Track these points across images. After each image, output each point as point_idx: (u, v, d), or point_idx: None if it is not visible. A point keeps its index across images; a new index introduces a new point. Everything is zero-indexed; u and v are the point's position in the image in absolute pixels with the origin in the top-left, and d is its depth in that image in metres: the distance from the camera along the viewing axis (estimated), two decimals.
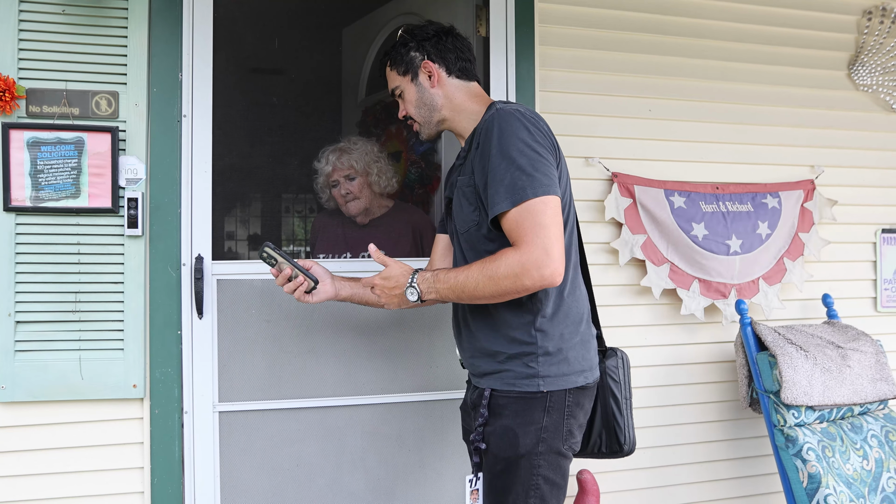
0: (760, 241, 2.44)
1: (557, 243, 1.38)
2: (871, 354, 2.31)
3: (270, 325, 2.00)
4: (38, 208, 1.82)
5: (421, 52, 1.65)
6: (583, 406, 1.54)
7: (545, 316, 1.49)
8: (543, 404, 1.47)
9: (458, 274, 1.46)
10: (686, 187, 2.38)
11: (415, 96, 1.66)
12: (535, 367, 1.47)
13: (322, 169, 2.40)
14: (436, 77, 1.64)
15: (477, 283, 1.42)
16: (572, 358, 1.50)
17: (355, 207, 2.38)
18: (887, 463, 2.24)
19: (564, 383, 1.48)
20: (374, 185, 2.38)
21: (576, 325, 1.52)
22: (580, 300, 1.56)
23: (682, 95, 2.41)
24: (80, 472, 1.86)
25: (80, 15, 1.84)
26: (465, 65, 1.66)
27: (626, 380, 1.67)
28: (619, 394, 1.65)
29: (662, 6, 2.40)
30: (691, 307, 2.35)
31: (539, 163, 1.41)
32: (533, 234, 1.37)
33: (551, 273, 1.37)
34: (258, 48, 3.66)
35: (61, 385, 1.83)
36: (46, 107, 1.83)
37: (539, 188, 1.39)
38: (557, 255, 1.37)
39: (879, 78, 2.63)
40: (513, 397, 1.49)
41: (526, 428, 1.47)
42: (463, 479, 2.13)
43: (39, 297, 1.83)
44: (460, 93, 1.65)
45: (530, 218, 1.38)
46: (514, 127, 1.43)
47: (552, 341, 1.48)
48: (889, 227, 2.64)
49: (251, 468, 1.99)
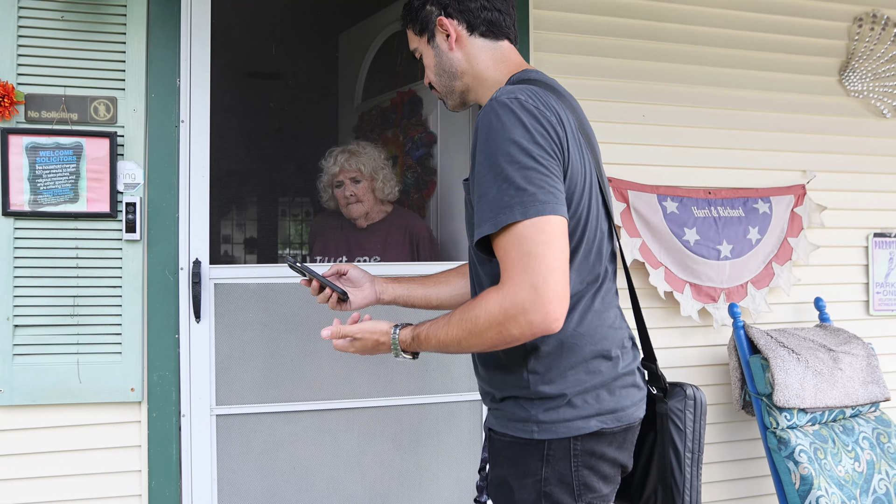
0: (750, 247, 2.47)
1: (553, 277, 1.07)
2: (863, 357, 2.33)
3: (267, 328, 2.02)
4: (36, 213, 1.83)
5: (436, 5, 1.34)
6: (604, 455, 1.22)
7: (541, 355, 1.20)
8: (541, 453, 1.20)
9: (438, 329, 1.20)
10: (678, 192, 2.41)
11: (433, 61, 1.38)
12: (530, 410, 1.21)
13: (329, 168, 2.42)
14: (453, 36, 1.33)
15: (459, 341, 1.16)
16: (580, 403, 1.20)
17: (357, 210, 2.39)
18: (878, 465, 2.26)
19: (567, 430, 1.19)
20: (377, 191, 2.40)
21: (592, 361, 1.22)
22: (603, 329, 1.24)
23: (675, 101, 2.44)
24: (78, 476, 1.86)
25: (79, 21, 1.86)
26: (493, 16, 1.32)
27: (696, 428, 1.33)
28: (681, 445, 1.32)
29: (656, 13, 2.43)
30: (688, 309, 2.38)
31: (534, 172, 1.11)
32: (520, 268, 1.08)
33: (542, 318, 1.08)
34: (255, 53, 3.68)
35: (59, 388, 1.84)
36: (45, 112, 1.85)
37: (530, 207, 1.09)
38: (553, 293, 1.07)
39: (870, 84, 2.66)
40: (507, 441, 1.24)
41: (522, 480, 1.21)
42: (459, 480, 2.15)
43: (38, 300, 1.84)
44: (485, 55, 1.33)
45: (517, 246, 1.09)
46: (506, 123, 1.13)
47: (551, 385, 1.20)
48: (880, 231, 2.67)
49: (248, 471, 2.00)
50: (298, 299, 2.05)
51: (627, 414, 1.24)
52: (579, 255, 1.22)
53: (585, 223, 1.22)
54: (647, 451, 1.34)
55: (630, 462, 1.30)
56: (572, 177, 1.18)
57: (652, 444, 1.34)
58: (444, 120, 2.60)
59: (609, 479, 1.25)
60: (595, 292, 1.24)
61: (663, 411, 1.32)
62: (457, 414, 2.16)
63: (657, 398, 1.33)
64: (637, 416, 1.27)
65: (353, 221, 2.43)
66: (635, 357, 1.31)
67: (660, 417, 1.32)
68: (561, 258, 1.10)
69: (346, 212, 2.42)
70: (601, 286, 1.25)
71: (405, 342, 1.28)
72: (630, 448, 1.29)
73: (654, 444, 1.33)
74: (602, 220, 1.27)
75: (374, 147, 2.45)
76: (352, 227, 2.45)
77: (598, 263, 1.25)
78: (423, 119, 2.69)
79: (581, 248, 1.22)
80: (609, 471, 1.24)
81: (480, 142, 1.16)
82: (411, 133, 2.70)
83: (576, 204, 1.20)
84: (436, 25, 1.34)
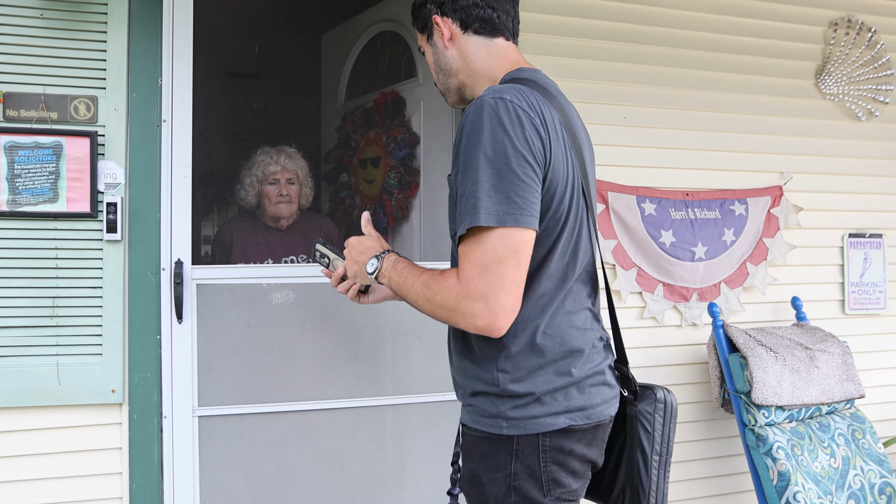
0: (725, 248, 2.51)
1: (504, 291, 1.12)
2: (839, 355, 2.38)
3: (250, 329, 2.01)
4: (15, 213, 1.81)
5: (433, 4, 1.36)
6: (573, 451, 1.24)
7: (511, 354, 1.22)
8: (510, 448, 1.22)
9: (409, 275, 1.25)
10: (657, 194, 2.44)
11: (432, 58, 1.40)
12: (500, 406, 1.23)
13: (265, 164, 2.48)
14: (447, 34, 1.35)
15: (416, 298, 1.23)
16: (549, 400, 1.22)
17: (286, 210, 2.49)
18: (853, 461, 2.31)
19: (535, 427, 1.21)
20: (301, 196, 2.53)
21: (561, 361, 1.23)
22: (572, 330, 1.25)
23: (656, 103, 2.47)
24: (58, 479, 1.84)
25: (59, 19, 1.84)
26: (486, 14, 1.33)
27: (665, 431, 1.34)
28: (648, 448, 1.32)
29: (638, 17, 2.46)
30: (653, 310, 2.41)
31: (506, 181, 1.12)
32: (475, 276, 1.12)
33: (487, 325, 1.13)
34: (238, 53, 3.66)
35: (38, 390, 1.82)
36: (24, 111, 1.82)
37: (494, 216, 1.11)
38: (500, 306, 1.12)
39: (845, 87, 2.71)
40: (478, 437, 1.26)
41: (492, 475, 1.23)
42: (441, 480, 2.16)
43: (16, 301, 1.82)
44: (480, 52, 1.34)
45: (477, 253, 1.13)
46: (487, 125, 1.13)
47: (520, 383, 1.22)
48: (855, 232, 2.73)
49: (231, 472, 1.99)
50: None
51: (597, 412, 1.26)
52: (554, 256, 1.23)
53: (563, 224, 1.23)
54: (618, 451, 1.36)
55: (600, 458, 1.31)
56: (553, 178, 1.19)
57: (622, 445, 1.35)
58: (427, 120, 2.61)
59: (578, 475, 1.27)
60: (566, 294, 1.25)
61: (633, 413, 1.33)
62: (439, 414, 2.17)
63: (627, 400, 1.35)
64: (608, 413, 1.29)
65: (276, 221, 2.50)
66: (607, 356, 1.32)
67: (629, 420, 1.34)
68: (516, 273, 1.13)
69: (274, 210, 2.48)
70: (572, 287, 1.27)
71: (391, 257, 1.31)
72: (600, 445, 1.31)
73: (624, 445, 1.35)
74: (582, 222, 1.28)
75: (302, 156, 2.58)
76: (270, 230, 2.51)
77: (573, 265, 1.26)
78: (406, 120, 2.70)
79: (556, 249, 1.23)
80: (578, 467, 1.26)
81: (463, 140, 1.17)
82: (394, 134, 2.70)
83: (556, 205, 1.21)
84: (433, 24, 1.37)
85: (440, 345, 2.13)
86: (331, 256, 1.51)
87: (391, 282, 1.30)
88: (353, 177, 2.97)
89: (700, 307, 2.47)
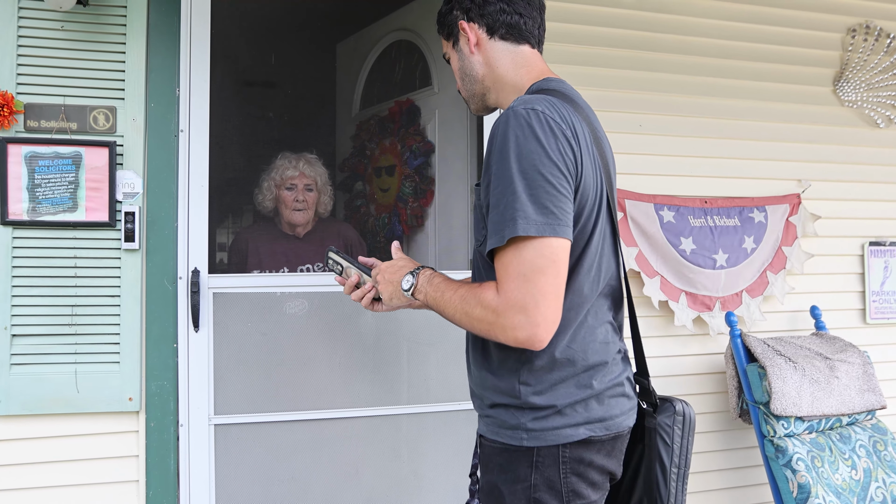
0: (746, 255, 2.48)
1: (545, 302, 1.11)
2: (859, 365, 2.34)
3: (266, 337, 2.02)
4: (35, 222, 1.83)
5: (460, 10, 1.35)
6: (592, 462, 1.24)
7: (535, 368, 1.22)
8: (530, 459, 1.22)
9: (446, 289, 1.25)
10: (675, 201, 2.42)
11: (457, 64, 1.39)
12: (520, 418, 1.23)
13: (284, 169, 2.46)
14: (473, 40, 1.34)
15: (454, 312, 1.22)
16: (570, 412, 1.22)
17: (302, 217, 2.46)
18: (875, 472, 2.27)
19: (556, 438, 1.21)
20: (319, 205, 2.50)
21: (583, 375, 1.23)
22: (595, 344, 1.25)
23: (672, 111, 2.46)
24: (76, 486, 1.86)
25: (79, 31, 1.86)
26: (513, 20, 1.32)
27: (684, 444, 1.34)
28: (667, 460, 1.32)
29: (652, 24, 2.45)
30: (682, 319, 2.39)
31: (542, 191, 1.11)
32: (514, 288, 1.11)
33: (528, 338, 1.12)
34: (254, 63, 3.70)
35: (57, 398, 1.83)
36: (44, 121, 1.85)
37: (532, 226, 1.10)
38: (542, 317, 1.11)
39: (864, 94, 2.68)
40: (497, 448, 1.26)
41: (512, 486, 1.23)
42: (457, 489, 2.15)
43: (36, 310, 1.84)
44: (505, 58, 1.34)
45: (515, 264, 1.12)
46: (521, 135, 1.13)
47: (541, 396, 1.21)
48: (876, 240, 2.69)
49: (246, 481, 1.99)
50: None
51: (616, 423, 1.26)
52: (581, 270, 1.22)
53: (589, 239, 1.22)
54: (635, 463, 1.36)
55: (619, 469, 1.31)
56: (584, 191, 1.19)
57: (640, 457, 1.35)
58: (441, 129, 2.61)
59: (597, 486, 1.26)
60: (589, 308, 1.25)
61: (652, 426, 1.33)
62: (455, 423, 2.16)
63: (647, 413, 1.34)
64: (626, 424, 1.29)
65: (292, 228, 2.47)
66: (625, 368, 1.32)
67: (648, 432, 1.33)
68: (555, 283, 1.12)
69: (290, 216, 2.45)
70: (596, 301, 1.26)
71: (425, 273, 1.31)
72: (619, 456, 1.30)
73: (642, 457, 1.34)
74: (607, 237, 1.28)
75: (322, 164, 2.56)
76: (287, 238, 2.49)
77: (597, 280, 1.26)
78: (421, 128, 2.71)
79: (583, 263, 1.22)
80: (597, 478, 1.26)
81: (495, 151, 1.16)
82: (409, 142, 2.71)
83: (585, 219, 1.20)
84: (459, 30, 1.36)
85: (455, 353, 2.12)
86: (344, 264, 1.50)
87: (427, 297, 1.29)
88: (367, 185, 2.98)
89: (723, 316, 2.44)
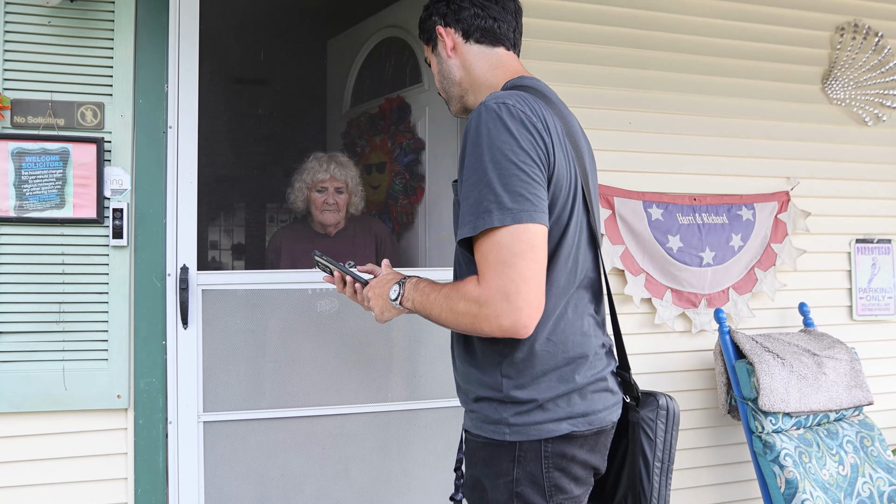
0: (733, 253, 2.49)
1: (526, 287, 1.12)
2: (846, 362, 2.36)
3: (255, 335, 2.01)
4: (22, 219, 1.82)
5: (437, 15, 1.41)
6: (575, 457, 1.24)
7: (515, 360, 1.22)
8: (512, 454, 1.23)
9: (430, 293, 1.25)
10: (664, 199, 2.43)
11: (436, 68, 1.44)
12: (502, 413, 1.23)
13: (315, 171, 2.47)
14: (450, 44, 1.39)
15: (440, 312, 1.22)
16: (552, 406, 1.22)
17: (332, 218, 2.47)
18: (862, 468, 2.29)
19: (538, 433, 1.22)
20: (350, 206, 2.52)
21: (564, 368, 1.24)
22: (576, 337, 1.26)
23: (662, 108, 2.46)
24: (64, 484, 1.85)
25: (67, 26, 1.85)
26: (487, 24, 1.36)
27: (667, 439, 1.34)
28: (650, 455, 1.33)
29: (642, 22, 2.45)
30: (664, 316, 2.40)
31: (516, 179, 1.13)
32: (494, 275, 1.12)
33: (512, 324, 1.12)
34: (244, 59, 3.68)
35: (45, 396, 1.82)
36: (31, 117, 1.84)
37: (508, 214, 1.12)
38: (524, 301, 1.12)
39: (852, 92, 2.70)
40: (481, 442, 1.27)
41: (495, 481, 1.24)
42: (447, 486, 2.15)
43: (23, 307, 1.82)
44: (481, 61, 1.38)
45: (494, 252, 1.13)
46: (492, 128, 1.16)
47: (523, 390, 1.22)
48: (863, 238, 2.71)
49: (236, 478, 1.99)
50: (286, 305, 2.04)
51: (599, 418, 1.26)
52: (557, 262, 1.24)
53: (565, 230, 1.24)
54: (620, 457, 1.37)
55: (603, 464, 1.32)
56: (557, 183, 1.21)
57: (624, 451, 1.36)
58: (432, 126, 2.61)
59: (581, 481, 1.27)
60: (569, 300, 1.26)
61: (635, 420, 1.34)
62: (444, 420, 2.16)
63: (630, 407, 1.35)
64: (610, 419, 1.29)
65: (324, 228, 2.49)
66: (609, 363, 1.33)
67: (631, 426, 1.34)
68: (535, 267, 1.14)
69: (320, 217, 2.47)
70: (575, 293, 1.28)
71: (411, 280, 1.32)
72: (603, 451, 1.31)
73: (626, 452, 1.35)
74: (583, 229, 1.29)
75: (353, 164, 2.55)
76: (318, 236, 2.50)
77: (575, 271, 1.27)
78: (412, 125, 2.70)
79: (559, 255, 1.24)
80: (580, 473, 1.26)
81: (469, 144, 1.19)
82: (399, 139, 2.71)
83: (558, 210, 1.22)
84: (437, 35, 1.41)
85: (445, 350, 2.13)
86: (330, 267, 1.54)
87: (415, 303, 1.29)
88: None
89: (709, 313, 2.45)
